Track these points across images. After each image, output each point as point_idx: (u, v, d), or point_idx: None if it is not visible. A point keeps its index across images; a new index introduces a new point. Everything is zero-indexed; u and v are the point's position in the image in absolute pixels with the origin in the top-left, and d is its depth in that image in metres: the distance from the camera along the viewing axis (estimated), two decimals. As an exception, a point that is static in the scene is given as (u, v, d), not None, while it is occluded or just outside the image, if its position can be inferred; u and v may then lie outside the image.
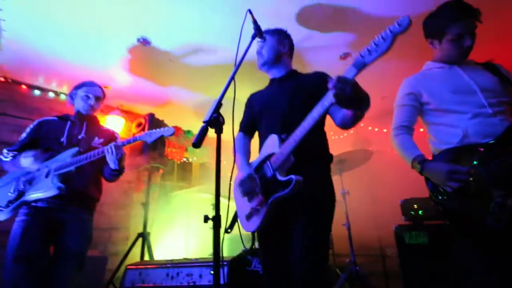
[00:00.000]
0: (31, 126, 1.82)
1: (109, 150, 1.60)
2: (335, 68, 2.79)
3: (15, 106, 2.90)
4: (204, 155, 4.91)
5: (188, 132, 4.58)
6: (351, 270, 2.53)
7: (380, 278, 3.15)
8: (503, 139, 1.10)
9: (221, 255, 0.83)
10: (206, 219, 0.84)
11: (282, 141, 1.17)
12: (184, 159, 4.54)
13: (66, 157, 1.66)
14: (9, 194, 1.63)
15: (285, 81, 1.43)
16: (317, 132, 1.30)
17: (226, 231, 1.16)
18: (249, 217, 1.23)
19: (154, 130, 1.66)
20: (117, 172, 1.74)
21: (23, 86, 3.00)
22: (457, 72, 1.33)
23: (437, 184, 1.17)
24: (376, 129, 4.05)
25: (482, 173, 1.07)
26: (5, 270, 1.48)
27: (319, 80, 1.32)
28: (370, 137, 4.00)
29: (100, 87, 1.97)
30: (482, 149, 1.12)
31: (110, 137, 1.92)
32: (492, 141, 1.12)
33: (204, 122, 0.91)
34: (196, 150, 4.83)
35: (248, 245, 1.28)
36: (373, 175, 3.46)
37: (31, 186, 1.62)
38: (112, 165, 1.64)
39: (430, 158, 1.33)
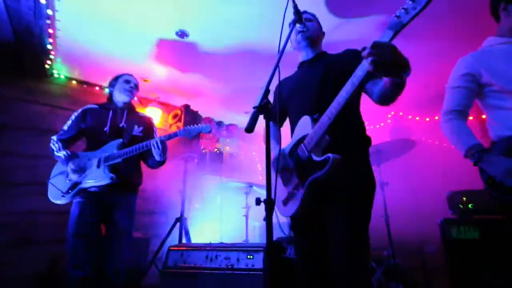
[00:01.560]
0: (76, 114, 1.96)
1: (155, 145, 1.75)
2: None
3: (67, 99, 3.18)
4: (234, 146, 5.01)
5: (220, 123, 4.68)
6: (389, 263, 2.45)
7: (419, 274, 3.01)
8: None
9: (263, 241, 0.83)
10: (258, 201, 0.86)
11: (314, 121, 1.11)
12: (216, 149, 4.67)
13: (112, 148, 1.84)
14: (67, 181, 1.83)
15: (314, 63, 1.39)
16: (353, 111, 1.23)
17: (287, 234, 1.12)
18: (286, 202, 1.19)
19: (192, 127, 1.80)
20: (161, 163, 1.91)
21: (74, 82, 3.27)
22: None
23: (495, 177, 1.08)
24: (418, 118, 3.80)
25: None
26: (67, 243, 1.72)
27: (350, 56, 1.26)
28: (410, 126, 3.77)
29: (134, 77, 2.13)
30: None
31: (149, 124, 2.09)
32: None
33: (254, 108, 0.92)
34: (226, 141, 4.95)
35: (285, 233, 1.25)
36: (414, 166, 3.27)
37: (85, 174, 1.81)
38: (158, 157, 1.81)
39: (487, 145, 1.22)
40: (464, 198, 2.11)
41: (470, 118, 1.35)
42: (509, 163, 1.03)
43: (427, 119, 3.68)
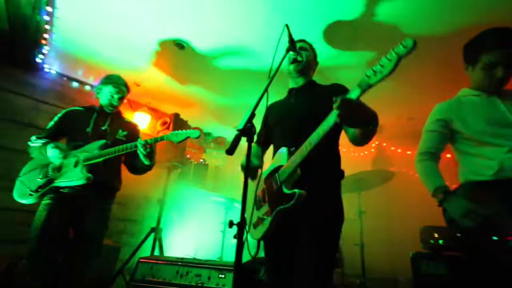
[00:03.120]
0: (59, 115, 1.90)
1: (142, 146, 1.66)
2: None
3: (55, 95, 3.12)
4: (220, 159, 4.99)
5: (208, 134, 4.68)
6: (361, 292, 2.45)
7: (391, 305, 3.02)
8: None
9: (239, 261, 0.84)
10: (231, 224, 0.87)
11: (290, 154, 1.18)
12: (202, 161, 4.64)
13: (93, 148, 1.75)
14: (38, 179, 1.72)
15: (302, 92, 1.43)
16: (328, 147, 1.28)
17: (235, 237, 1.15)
18: (256, 225, 1.25)
19: (181, 131, 1.72)
20: (149, 167, 1.84)
21: (64, 78, 3.22)
22: (495, 103, 1.29)
23: (454, 217, 1.16)
24: (399, 150, 3.95)
25: (503, 211, 1.05)
26: (29, 247, 1.59)
27: (336, 92, 1.32)
28: (392, 157, 3.90)
29: (125, 84, 1.99)
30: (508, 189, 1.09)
31: (134, 130, 2.01)
32: None
33: (238, 130, 0.94)
34: (212, 153, 4.93)
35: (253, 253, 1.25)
36: (393, 197, 3.36)
37: (60, 173, 1.71)
38: (147, 161, 1.74)
39: (455, 186, 1.30)
40: (436, 234, 2.18)
41: (448, 155, 1.44)
42: (468, 206, 1.10)
43: (409, 152, 3.83)
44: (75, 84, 3.28)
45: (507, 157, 1.16)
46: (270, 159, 1.44)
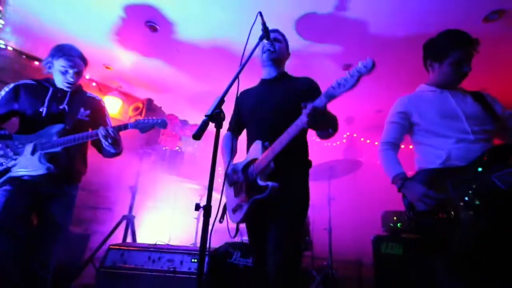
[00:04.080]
0: (7, 90, 1.63)
1: (104, 134, 1.54)
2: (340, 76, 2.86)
3: (14, 75, 2.86)
4: (196, 147, 4.94)
5: (184, 121, 4.59)
6: (327, 273, 2.62)
7: (355, 285, 3.26)
8: (475, 165, 1.19)
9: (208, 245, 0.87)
10: (197, 207, 0.89)
11: (264, 148, 1.27)
12: (177, 148, 4.56)
13: (51, 133, 1.60)
14: None
15: (275, 83, 1.48)
16: (297, 140, 1.35)
17: (220, 221, 1.30)
18: (234, 211, 1.36)
19: (147, 120, 1.63)
20: (116, 154, 1.74)
21: (22, 56, 2.96)
22: (447, 98, 1.41)
23: (411, 201, 1.27)
24: (368, 141, 4.16)
25: (453, 196, 1.16)
26: None
27: (308, 88, 1.42)
28: (361, 148, 4.11)
29: (81, 56, 1.71)
30: (456, 174, 1.21)
31: (97, 107, 1.82)
32: (464, 165, 1.21)
33: (206, 116, 0.95)
34: (188, 140, 4.86)
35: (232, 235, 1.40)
36: (360, 184, 3.57)
37: (16, 162, 1.57)
38: (111, 149, 1.64)
39: (411, 173, 1.42)
40: (395, 218, 2.37)
41: (410, 146, 1.55)
42: (422, 190, 1.21)
43: (376, 143, 4.06)
44: (35, 62, 3.03)
45: (454, 147, 1.28)
46: (244, 146, 1.48)
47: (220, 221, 1.34)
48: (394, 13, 2.18)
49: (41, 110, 1.63)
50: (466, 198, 1.12)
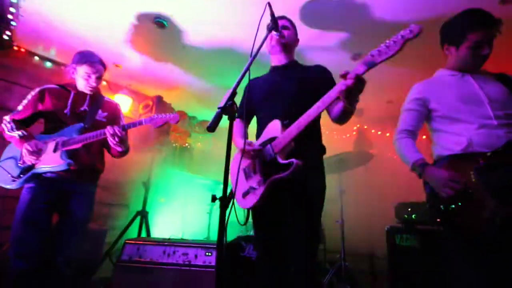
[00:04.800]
0: (33, 93, 1.77)
1: (111, 133, 1.62)
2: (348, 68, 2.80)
3: (27, 76, 2.94)
4: (206, 142, 4.98)
5: (193, 118, 4.62)
6: (340, 265, 2.61)
7: (368, 277, 3.25)
8: (502, 152, 1.13)
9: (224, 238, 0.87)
10: (214, 198, 0.90)
11: (284, 126, 1.22)
12: (187, 144, 4.61)
13: (71, 132, 1.71)
14: (19, 165, 1.68)
15: (289, 70, 1.47)
16: (314, 124, 1.37)
17: (243, 224, 1.22)
18: (245, 194, 1.29)
19: (160, 115, 1.71)
20: (122, 153, 1.82)
21: (36, 57, 3.03)
22: (469, 81, 1.33)
23: (434, 187, 1.21)
24: (379, 133, 4.09)
25: (479, 182, 1.11)
26: (13, 231, 1.58)
27: (321, 72, 1.43)
28: (372, 139, 4.05)
29: (101, 62, 1.86)
30: (481, 161, 1.16)
31: (114, 110, 1.95)
32: (490, 152, 1.16)
33: (219, 108, 0.95)
34: (198, 137, 4.90)
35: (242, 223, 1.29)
36: (371, 177, 3.52)
37: (40, 159, 1.67)
38: (118, 147, 1.71)
39: (431, 163, 1.37)
40: (409, 209, 2.33)
41: (423, 137, 1.50)
42: (446, 175, 1.15)
43: (388, 134, 3.98)
44: (48, 63, 3.10)
45: (476, 134, 1.22)
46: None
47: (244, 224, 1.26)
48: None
49: (65, 111, 1.76)
50: (493, 185, 1.08)
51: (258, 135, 1.42)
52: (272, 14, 1.30)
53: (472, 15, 1.31)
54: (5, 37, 2.62)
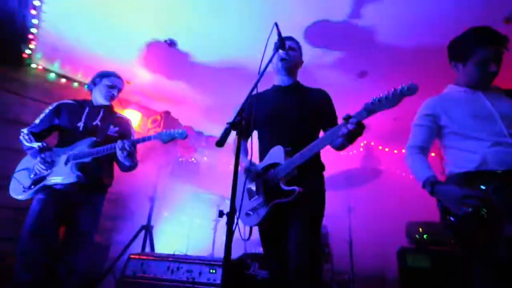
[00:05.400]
0: (50, 108, 1.87)
1: (120, 147, 1.66)
2: (353, 87, 2.81)
3: (42, 91, 3.05)
4: (212, 157, 4.99)
5: (199, 133, 4.67)
6: (349, 287, 2.51)
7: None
8: None
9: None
10: (221, 214, 0.89)
11: (287, 153, 1.28)
12: (193, 159, 4.62)
13: (83, 146, 1.76)
14: (31, 176, 1.74)
15: (291, 92, 1.50)
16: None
17: (246, 239, 1.29)
18: (248, 214, 1.37)
19: (168, 131, 1.73)
20: (130, 167, 1.86)
21: (52, 74, 3.16)
22: (480, 98, 1.32)
23: (448, 207, 1.16)
24: (387, 149, 4.05)
25: (495, 201, 1.07)
26: (20, 242, 1.59)
27: (322, 97, 1.49)
28: (380, 156, 4.00)
29: (121, 79, 2.04)
30: (498, 179, 1.12)
31: (126, 125, 2.01)
32: (505, 170, 1.12)
33: (228, 124, 0.97)
34: (204, 152, 4.92)
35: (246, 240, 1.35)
36: (380, 194, 3.45)
37: (51, 170, 1.72)
38: (126, 162, 1.75)
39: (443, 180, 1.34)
40: (420, 229, 2.25)
41: (432, 154, 1.48)
42: (460, 192, 1.11)
43: (395, 151, 3.94)
44: (62, 80, 3.22)
45: (490, 151, 1.19)
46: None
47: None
48: (408, 20, 2.16)
49: (78, 125, 1.83)
50: (509, 204, 1.04)
51: (261, 157, 1.45)
52: (279, 33, 1.35)
53: (478, 31, 1.32)
54: (24, 55, 2.76)
